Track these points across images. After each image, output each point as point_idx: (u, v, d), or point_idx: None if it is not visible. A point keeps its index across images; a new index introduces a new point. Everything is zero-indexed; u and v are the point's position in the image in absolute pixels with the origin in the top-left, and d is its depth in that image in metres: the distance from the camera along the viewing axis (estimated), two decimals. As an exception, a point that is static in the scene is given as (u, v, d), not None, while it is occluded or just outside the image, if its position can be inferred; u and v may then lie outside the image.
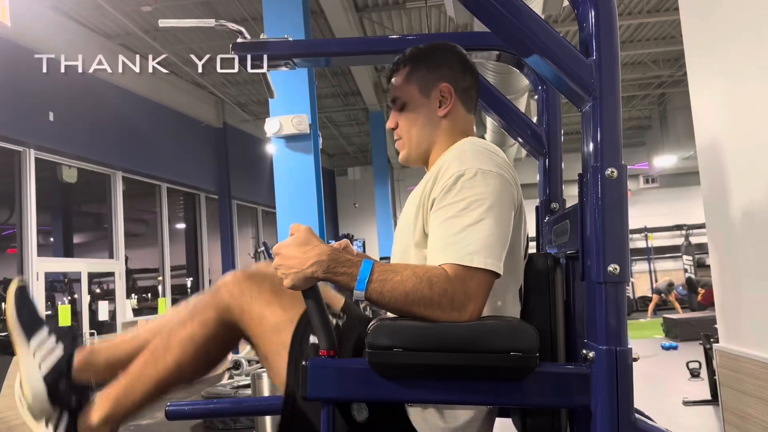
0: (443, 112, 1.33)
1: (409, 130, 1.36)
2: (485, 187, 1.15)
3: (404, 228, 1.30)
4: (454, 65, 1.35)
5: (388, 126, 1.40)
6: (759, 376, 1.99)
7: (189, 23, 1.70)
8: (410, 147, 1.37)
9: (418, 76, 1.34)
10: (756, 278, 2.05)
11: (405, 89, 1.35)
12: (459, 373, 1.09)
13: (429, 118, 1.34)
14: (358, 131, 14.42)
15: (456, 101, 1.34)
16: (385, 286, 1.10)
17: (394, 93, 1.37)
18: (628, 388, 1.05)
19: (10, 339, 1.41)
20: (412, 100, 1.34)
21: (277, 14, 4.64)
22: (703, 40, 2.36)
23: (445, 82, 1.32)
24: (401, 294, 1.09)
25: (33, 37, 6.28)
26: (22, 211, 6.70)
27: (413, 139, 1.36)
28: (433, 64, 1.34)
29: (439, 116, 1.33)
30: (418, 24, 8.73)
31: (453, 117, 1.34)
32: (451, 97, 1.33)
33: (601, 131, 1.08)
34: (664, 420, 1.18)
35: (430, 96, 1.33)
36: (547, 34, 1.11)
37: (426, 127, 1.34)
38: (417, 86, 1.33)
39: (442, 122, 1.34)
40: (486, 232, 1.12)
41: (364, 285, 1.10)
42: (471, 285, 1.10)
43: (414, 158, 1.38)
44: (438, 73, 1.33)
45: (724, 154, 2.21)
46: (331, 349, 1.12)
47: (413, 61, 1.35)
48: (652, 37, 9.76)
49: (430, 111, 1.33)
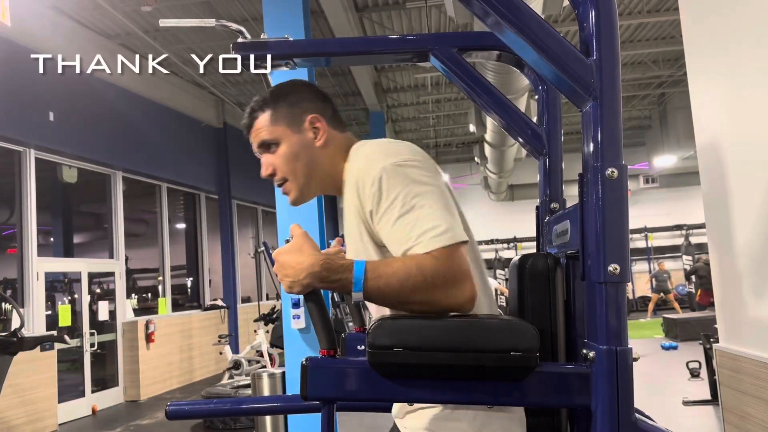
0: (320, 141, 1.33)
1: (293, 169, 1.32)
2: (407, 175, 1.16)
3: (353, 243, 1.28)
4: (313, 98, 1.36)
5: (264, 174, 1.35)
6: (759, 376, 1.99)
7: (189, 23, 1.71)
8: (300, 185, 1.34)
9: (283, 114, 1.32)
10: (756, 278, 2.05)
11: (274, 130, 1.32)
12: (459, 372, 1.09)
13: (309, 151, 1.32)
14: (358, 131, 14.42)
15: (329, 128, 1.34)
16: (380, 282, 1.10)
17: (262, 137, 1.33)
18: (629, 388, 1.05)
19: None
20: (286, 139, 1.32)
21: (277, 14, 4.64)
22: (703, 40, 2.37)
23: (312, 113, 1.33)
24: (397, 285, 1.09)
25: (33, 37, 6.28)
26: (22, 211, 6.70)
27: (300, 175, 1.32)
28: (293, 100, 1.34)
29: (318, 146, 1.32)
30: (418, 24, 8.73)
31: (332, 142, 1.34)
32: (323, 126, 1.33)
33: (601, 131, 1.08)
34: (664, 420, 1.18)
35: (302, 130, 1.32)
36: (547, 34, 1.11)
37: (309, 160, 1.32)
38: (285, 124, 1.32)
39: (323, 151, 1.33)
40: (437, 210, 1.13)
41: (360, 286, 1.10)
42: (456, 261, 1.10)
43: (308, 194, 1.36)
44: (301, 107, 1.33)
45: (724, 154, 2.22)
46: (331, 349, 1.12)
47: (273, 103, 1.34)
48: (652, 37, 9.77)
49: (307, 144, 1.32)
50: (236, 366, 7.51)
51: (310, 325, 4.21)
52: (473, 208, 17.35)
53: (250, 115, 1.36)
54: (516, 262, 1.40)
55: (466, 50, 1.66)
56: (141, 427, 6.60)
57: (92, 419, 7.12)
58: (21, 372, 5.77)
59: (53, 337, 5.03)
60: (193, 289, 10.93)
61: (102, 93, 7.69)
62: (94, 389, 7.49)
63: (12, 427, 5.88)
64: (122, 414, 7.36)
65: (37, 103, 6.64)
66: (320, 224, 4.47)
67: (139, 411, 7.41)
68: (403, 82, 11.53)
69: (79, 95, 7.18)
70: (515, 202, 16.54)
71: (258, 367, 7.38)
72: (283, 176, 1.33)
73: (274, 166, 1.33)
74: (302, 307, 4.31)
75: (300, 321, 4.32)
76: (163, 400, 7.96)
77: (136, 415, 7.11)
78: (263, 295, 12.09)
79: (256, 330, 7.84)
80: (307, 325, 4.33)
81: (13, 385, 5.67)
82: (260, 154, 1.36)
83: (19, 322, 3.55)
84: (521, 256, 1.38)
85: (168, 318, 9.09)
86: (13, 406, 5.85)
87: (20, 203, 6.72)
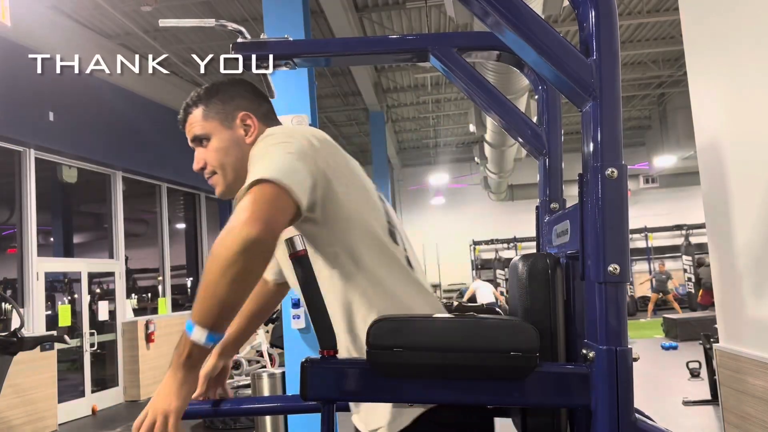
0: (250, 139, 1.35)
1: (222, 164, 1.35)
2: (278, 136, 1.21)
3: None
4: (247, 95, 1.39)
5: (196, 167, 1.38)
6: (759, 376, 1.99)
7: (189, 23, 1.70)
8: (227, 177, 1.35)
9: (215, 110, 1.36)
10: (756, 278, 2.05)
11: (206, 126, 1.36)
12: (459, 372, 1.09)
13: (239, 147, 1.35)
14: (358, 131, 14.42)
15: (260, 125, 1.37)
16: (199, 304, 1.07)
17: (195, 132, 1.37)
18: (628, 388, 1.05)
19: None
20: (217, 134, 1.35)
21: (277, 14, 4.63)
22: (703, 40, 2.37)
23: (244, 111, 1.36)
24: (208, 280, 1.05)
25: (33, 37, 6.28)
26: (22, 211, 6.70)
27: (229, 170, 1.35)
28: (226, 96, 1.37)
29: (248, 143, 1.34)
30: (418, 24, 8.73)
31: None
32: (254, 123, 1.36)
33: (601, 131, 1.08)
34: (664, 420, 1.18)
35: (234, 126, 1.35)
36: (547, 34, 1.11)
37: (238, 156, 1.34)
38: (217, 120, 1.35)
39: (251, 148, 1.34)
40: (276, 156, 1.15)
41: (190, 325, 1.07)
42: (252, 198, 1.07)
43: (234, 187, 1.34)
44: (233, 104, 1.36)
45: (724, 154, 2.21)
46: (331, 349, 1.12)
47: (206, 98, 1.37)
48: (652, 37, 9.77)
49: (238, 140, 1.35)
50: (236, 366, 7.50)
51: (310, 325, 4.20)
52: (473, 208, 17.37)
53: (185, 110, 1.40)
54: (516, 262, 1.40)
55: (466, 50, 1.66)
56: (141, 427, 6.59)
57: (92, 419, 7.11)
58: (21, 372, 5.76)
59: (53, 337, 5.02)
60: (193, 289, 10.93)
61: (102, 93, 7.68)
62: (94, 389, 7.49)
63: (12, 427, 5.88)
64: (122, 414, 7.35)
65: (37, 103, 6.63)
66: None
67: (139, 411, 7.36)
68: (403, 82, 11.53)
69: (79, 95, 7.18)
70: (515, 202, 16.54)
71: (258, 367, 7.37)
72: (212, 170, 1.36)
73: (206, 160, 1.36)
74: (302, 307, 4.31)
75: (300, 321, 4.32)
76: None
77: (136, 415, 7.01)
78: (263, 295, 12.06)
79: (256, 330, 7.83)
80: (307, 325, 4.33)
81: (13, 385, 5.67)
82: (194, 147, 1.40)
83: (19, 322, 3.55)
84: (521, 256, 1.38)
85: (168, 318, 9.09)
86: (13, 406, 5.85)
87: (20, 203, 6.72)
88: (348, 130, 14.47)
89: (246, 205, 1.06)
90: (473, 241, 17.03)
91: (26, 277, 6.60)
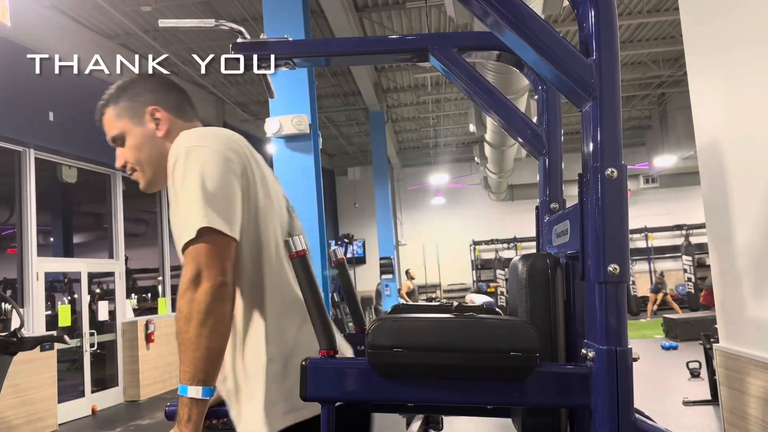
0: (161, 132, 1.38)
1: (139, 161, 1.39)
2: (194, 162, 1.20)
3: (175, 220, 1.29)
4: (155, 88, 1.42)
5: (118, 165, 1.42)
6: (759, 376, 1.99)
7: (189, 23, 1.70)
8: (146, 173, 1.40)
9: (125, 109, 1.39)
10: (756, 278, 2.05)
11: (118, 125, 1.40)
12: (459, 373, 1.09)
13: (152, 141, 1.38)
14: (358, 131, 14.42)
15: (171, 118, 1.39)
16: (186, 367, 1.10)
17: (110, 133, 1.42)
18: (628, 388, 1.05)
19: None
20: (129, 132, 1.39)
21: (277, 14, 4.63)
22: (703, 41, 2.36)
23: (152, 105, 1.39)
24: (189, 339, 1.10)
25: (33, 37, 6.28)
26: (22, 211, 6.69)
27: (145, 165, 1.39)
28: (133, 93, 1.40)
29: (160, 137, 1.38)
30: (418, 24, 8.73)
31: (175, 132, 1.37)
32: (163, 116, 1.38)
33: (601, 131, 1.08)
34: (664, 420, 1.18)
35: (144, 122, 1.38)
36: (547, 34, 1.11)
37: (153, 150, 1.38)
38: (127, 118, 1.39)
39: (166, 141, 1.37)
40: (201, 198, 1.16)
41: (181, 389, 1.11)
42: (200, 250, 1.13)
43: (155, 183, 1.41)
44: (141, 99, 1.39)
45: (724, 154, 2.21)
46: (330, 350, 1.12)
47: (115, 98, 1.41)
48: (652, 37, 9.76)
49: (149, 135, 1.38)
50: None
51: (310, 325, 4.19)
52: (473, 208, 17.36)
53: (100, 111, 1.44)
54: (516, 262, 1.40)
55: (466, 50, 1.66)
56: (141, 427, 6.60)
57: (92, 419, 7.11)
58: (21, 372, 5.76)
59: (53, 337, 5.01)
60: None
61: (102, 93, 7.66)
62: (93, 389, 7.48)
63: (12, 427, 5.88)
64: (122, 414, 7.35)
65: (37, 103, 6.63)
66: (320, 224, 4.46)
67: (139, 411, 7.40)
68: (403, 82, 11.53)
69: (79, 95, 7.15)
70: (515, 202, 16.53)
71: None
72: (131, 167, 1.41)
73: (125, 158, 1.40)
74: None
75: (300, 321, 4.31)
76: (163, 400, 7.95)
77: (135, 416, 7.11)
78: (263, 295, 12.07)
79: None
80: (307, 325, 4.32)
81: (13, 385, 5.67)
82: (114, 147, 1.43)
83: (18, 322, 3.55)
84: (521, 256, 1.38)
85: (168, 318, 9.08)
86: (13, 406, 5.85)
87: (20, 203, 6.71)
88: (348, 130, 14.47)
89: (197, 257, 1.13)
90: (473, 241, 17.03)
91: (26, 277, 6.60)
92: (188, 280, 1.11)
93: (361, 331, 2.09)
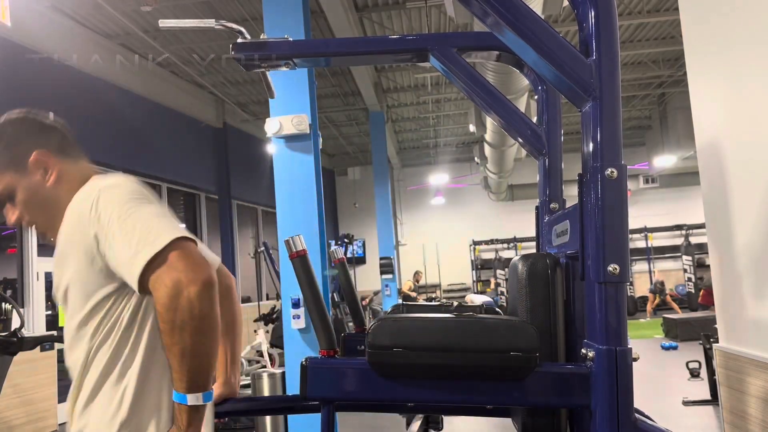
0: (50, 181, 1.26)
1: (33, 215, 1.28)
2: (120, 194, 1.18)
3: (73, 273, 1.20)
4: (31, 131, 1.28)
5: (12, 223, 1.30)
6: (759, 376, 1.99)
7: (189, 24, 1.70)
8: (45, 226, 1.29)
9: (5, 162, 1.25)
10: (756, 278, 2.05)
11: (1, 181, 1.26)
12: (459, 372, 1.09)
13: (43, 192, 1.26)
14: (358, 131, 14.41)
15: (57, 161, 1.28)
16: (180, 365, 1.07)
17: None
18: (628, 387, 1.05)
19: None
20: (17, 185, 1.25)
21: (277, 14, 4.63)
22: (703, 40, 2.36)
23: (34, 151, 1.26)
24: (183, 347, 1.06)
25: (33, 37, 6.28)
26: (22, 211, 6.69)
27: (43, 220, 1.28)
28: (8, 142, 1.26)
29: (50, 185, 1.26)
30: (418, 24, 8.73)
31: (65, 177, 1.28)
32: (50, 161, 1.27)
33: (601, 131, 1.08)
34: (663, 420, 1.18)
35: (29, 172, 1.26)
36: (547, 34, 1.11)
37: (47, 201, 1.27)
38: (11, 172, 1.25)
39: (58, 188, 1.27)
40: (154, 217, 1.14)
41: (182, 397, 1.08)
42: (173, 260, 1.07)
43: (52, 228, 1.28)
44: (20, 147, 1.26)
45: (724, 154, 2.21)
46: (330, 349, 1.12)
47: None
48: (652, 37, 9.76)
49: (40, 185, 1.26)
50: (236, 366, 7.49)
51: (310, 325, 4.21)
52: (473, 208, 17.36)
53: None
54: (516, 262, 1.40)
55: (466, 50, 1.67)
56: (141, 427, 6.59)
57: (92, 419, 7.11)
58: (21, 372, 5.77)
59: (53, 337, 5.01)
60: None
61: (102, 93, 7.68)
62: (94, 389, 7.48)
63: (12, 427, 5.88)
64: (122, 414, 7.34)
65: (37, 103, 6.62)
66: (320, 224, 4.46)
67: (139, 411, 7.39)
68: (403, 82, 11.52)
69: (79, 95, 7.18)
70: (515, 202, 16.53)
71: (258, 367, 7.38)
72: (29, 222, 1.29)
73: (18, 215, 1.28)
74: (302, 307, 4.31)
75: (300, 321, 4.32)
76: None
77: (136, 415, 7.10)
78: (263, 295, 12.09)
79: (256, 330, 7.83)
80: (306, 325, 4.33)
81: (13, 385, 5.67)
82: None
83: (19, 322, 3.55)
84: (521, 256, 1.38)
85: (168, 318, 9.07)
86: (13, 406, 5.85)
87: (20, 203, 6.72)
88: (348, 130, 14.46)
89: (174, 267, 1.06)
90: (473, 241, 17.02)
91: (26, 277, 6.60)
92: (171, 291, 1.05)
93: (361, 330, 2.10)
